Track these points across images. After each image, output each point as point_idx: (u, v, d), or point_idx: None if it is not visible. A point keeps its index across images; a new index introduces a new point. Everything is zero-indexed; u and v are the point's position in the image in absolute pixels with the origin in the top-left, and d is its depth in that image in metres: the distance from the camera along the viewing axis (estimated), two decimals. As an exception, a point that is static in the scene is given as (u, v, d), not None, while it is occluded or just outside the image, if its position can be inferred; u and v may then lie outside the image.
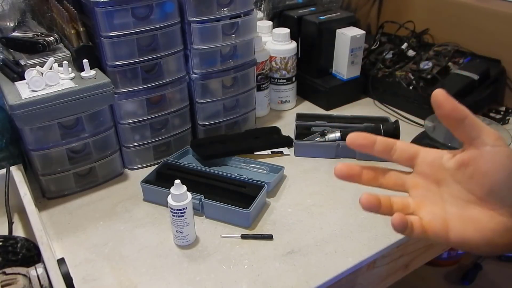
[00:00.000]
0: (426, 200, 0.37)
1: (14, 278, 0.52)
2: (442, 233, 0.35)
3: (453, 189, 0.35)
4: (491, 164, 0.33)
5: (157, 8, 0.76)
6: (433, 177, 0.37)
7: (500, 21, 1.02)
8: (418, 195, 0.37)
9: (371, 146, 0.37)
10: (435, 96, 0.33)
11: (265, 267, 0.64)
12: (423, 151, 0.38)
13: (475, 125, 0.33)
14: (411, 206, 0.37)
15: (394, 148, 0.38)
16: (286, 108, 1.08)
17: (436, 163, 0.36)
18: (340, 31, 1.03)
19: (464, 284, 1.43)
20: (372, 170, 0.38)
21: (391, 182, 0.39)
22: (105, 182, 0.83)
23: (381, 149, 0.37)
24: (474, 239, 0.34)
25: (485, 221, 0.34)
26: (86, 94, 0.73)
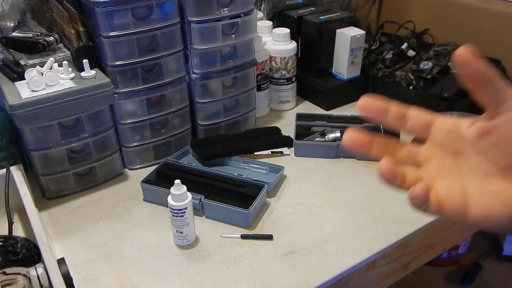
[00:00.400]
0: (442, 172, 0.33)
1: (14, 278, 0.52)
2: (460, 209, 0.31)
3: (473, 160, 0.32)
4: None
5: (157, 8, 0.76)
6: (450, 147, 0.33)
7: (500, 21, 1.02)
8: (433, 167, 0.33)
9: (385, 114, 0.33)
10: (460, 54, 0.29)
11: (265, 267, 0.64)
12: (439, 119, 0.34)
13: (502, 88, 0.29)
14: (425, 180, 0.32)
15: (408, 116, 0.33)
16: (286, 108, 1.08)
17: (453, 132, 0.33)
18: (340, 31, 1.03)
19: (464, 284, 1.43)
20: (383, 139, 0.34)
21: (403, 153, 0.34)
22: (105, 182, 0.83)
23: (394, 117, 0.33)
24: (497, 215, 0.30)
25: (509, 194, 0.30)
26: (86, 94, 0.73)
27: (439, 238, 0.81)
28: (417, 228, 0.71)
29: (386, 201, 0.77)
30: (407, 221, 0.72)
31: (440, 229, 0.78)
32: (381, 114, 0.33)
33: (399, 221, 0.72)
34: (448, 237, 0.84)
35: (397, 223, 0.72)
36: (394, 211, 0.74)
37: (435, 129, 0.33)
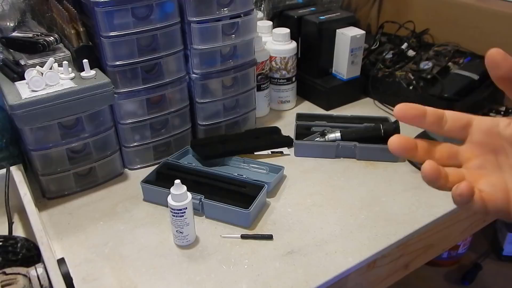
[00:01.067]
0: (484, 170, 0.33)
1: (14, 278, 0.52)
2: (504, 205, 0.32)
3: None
4: None
5: (157, 8, 0.76)
6: (490, 146, 0.33)
7: (500, 21, 1.02)
8: (475, 166, 0.34)
9: (422, 117, 0.33)
10: (492, 56, 0.30)
11: (265, 267, 0.64)
12: (477, 119, 0.34)
13: None
14: (468, 179, 0.33)
15: (445, 118, 0.34)
16: (286, 108, 1.08)
17: (492, 131, 0.33)
18: (340, 31, 1.03)
19: (464, 284, 1.43)
20: (425, 143, 0.35)
21: (444, 154, 0.35)
22: (105, 182, 0.83)
23: (432, 120, 0.34)
24: None
25: None
26: (86, 94, 0.73)
27: (439, 238, 0.81)
28: (417, 228, 0.71)
29: (386, 201, 0.77)
30: (407, 221, 0.72)
31: (440, 229, 0.78)
32: (419, 118, 0.33)
33: (399, 221, 0.72)
34: (448, 237, 0.84)
35: (397, 223, 0.72)
36: (394, 211, 0.74)
37: (474, 129, 0.34)
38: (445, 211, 0.74)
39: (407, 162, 0.86)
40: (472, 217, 0.86)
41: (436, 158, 0.34)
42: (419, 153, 0.34)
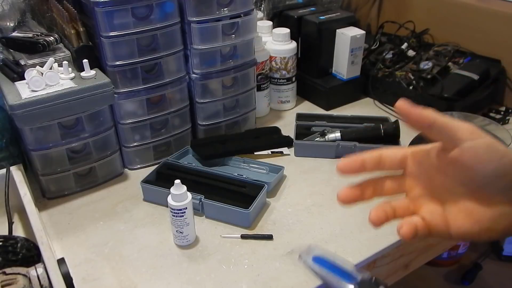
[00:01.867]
0: (423, 199, 0.38)
1: (14, 278, 0.52)
2: (443, 229, 0.36)
3: (447, 184, 0.36)
4: (475, 159, 0.33)
5: (157, 8, 0.76)
6: (426, 175, 0.37)
7: (500, 21, 1.02)
8: (415, 195, 0.38)
9: (362, 168, 0.38)
10: (399, 108, 0.35)
11: (265, 267, 0.64)
12: (411, 151, 0.38)
13: (446, 125, 0.34)
14: (411, 208, 0.38)
15: (382, 160, 0.38)
16: (286, 108, 1.08)
17: (425, 162, 0.37)
18: (340, 31, 1.03)
19: (464, 284, 1.43)
20: (370, 184, 0.39)
21: (389, 190, 0.39)
22: (105, 182, 0.83)
23: (371, 166, 0.38)
24: (474, 230, 0.35)
25: (481, 212, 0.34)
26: (86, 94, 0.73)
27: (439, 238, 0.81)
28: (417, 228, 0.71)
29: (386, 201, 0.77)
30: (407, 221, 0.72)
31: (440, 229, 0.78)
32: (360, 170, 0.38)
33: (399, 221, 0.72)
34: (448, 237, 0.84)
35: (397, 223, 0.71)
36: (394, 211, 0.74)
37: (409, 162, 0.38)
38: (445, 211, 0.74)
39: (407, 162, 0.86)
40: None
41: (383, 195, 0.39)
42: (366, 197, 0.39)
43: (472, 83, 0.98)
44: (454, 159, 0.34)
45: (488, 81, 1.01)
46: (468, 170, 0.34)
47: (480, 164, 0.33)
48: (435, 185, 0.37)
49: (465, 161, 0.33)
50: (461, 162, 0.34)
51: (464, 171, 0.34)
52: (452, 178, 0.35)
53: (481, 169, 0.33)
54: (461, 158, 0.34)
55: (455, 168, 0.35)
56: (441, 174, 0.36)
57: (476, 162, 0.33)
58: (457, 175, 0.35)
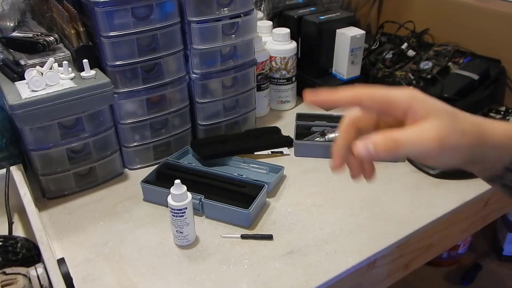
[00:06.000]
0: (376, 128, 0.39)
1: (14, 278, 0.52)
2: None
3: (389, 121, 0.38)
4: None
5: (157, 8, 0.76)
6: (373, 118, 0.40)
7: (500, 21, 1.02)
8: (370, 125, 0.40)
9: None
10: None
11: (265, 267, 0.64)
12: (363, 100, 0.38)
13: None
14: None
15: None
16: (286, 108, 1.08)
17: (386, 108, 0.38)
18: (340, 31, 1.03)
19: (464, 284, 1.43)
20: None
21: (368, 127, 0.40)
22: (105, 182, 0.83)
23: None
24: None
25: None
26: (86, 94, 0.73)
27: (439, 238, 0.81)
28: (417, 228, 0.71)
29: (386, 201, 0.77)
30: (407, 221, 0.72)
31: (440, 229, 0.78)
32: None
33: (399, 221, 0.72)
34: (448, 237, 0.84)
35: (397, 223, 0.72)
36: (394, 211, 0.74)
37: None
38: (445, 211, 0.74)
39: (407, 162, 0.86)
40: (472, 217, 0.86)
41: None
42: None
43: (472, 83, 0.98)
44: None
45: (488, 81, 1.01)
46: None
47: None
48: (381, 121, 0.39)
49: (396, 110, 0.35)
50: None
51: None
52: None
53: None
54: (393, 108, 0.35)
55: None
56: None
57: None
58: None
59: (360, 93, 0.36)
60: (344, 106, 0.37)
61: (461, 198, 0.77)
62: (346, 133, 0.39)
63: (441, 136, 0.33)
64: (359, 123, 0.39)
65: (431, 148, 0.33)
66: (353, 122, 0.39)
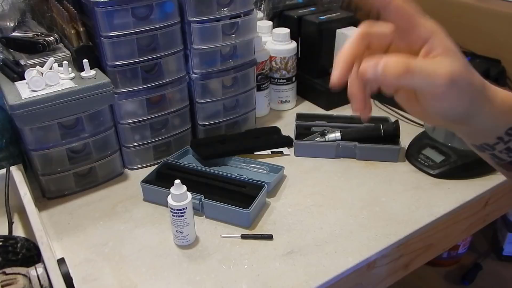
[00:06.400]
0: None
1: (14, 278, 0.52)
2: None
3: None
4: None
5: (157, 8, 0.76)
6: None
7: (500, 21, 1.01)
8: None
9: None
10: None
11: (265, 267, 0.64)
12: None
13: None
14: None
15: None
16: (286, 108, 1.08)
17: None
18: (340, 31, 1.03)
19: (464, 284, 1.43)
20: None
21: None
22: (105, 182, 0.83)
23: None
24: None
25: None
26: (86, 94, 0.73)
27: (439, 238, 0.81)
28: (417, 228, 0.71)
29: (386, 201, 0.77)
30: (407, 221, 0.72)
31: (440, 229, 0.78)
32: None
33: (399, 221, 0.72)
34: (448, 237, 0.84)
35: (397, 223, 0.72)
36: (394, 211, 0.74)
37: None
38: (445, 211, 0.74)
39: (407, 162, 0.86)
40: (472, 217, 0.86)
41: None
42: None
43: (472, 83, 0.98)
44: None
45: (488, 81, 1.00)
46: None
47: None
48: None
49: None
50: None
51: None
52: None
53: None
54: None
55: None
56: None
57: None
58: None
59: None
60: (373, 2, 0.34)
61: (461, 198, 0.77)
62: (355, 43, 0.36)
63: (453, 75, 0.32)
64: (372, 38, 0.37)
65: (440, 84, 0.32)
66: (365, 35, 0.37)
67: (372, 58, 0.32)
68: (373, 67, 0.31)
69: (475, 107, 0.35)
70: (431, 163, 0.83)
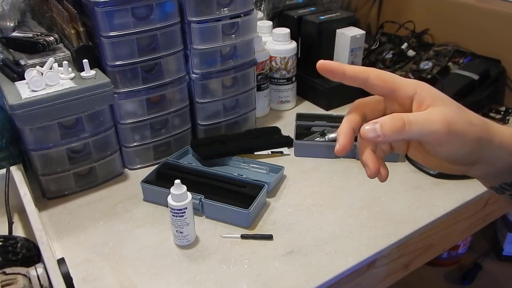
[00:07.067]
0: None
1: (14, 278, 0.52)
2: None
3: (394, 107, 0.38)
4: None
5: (157, 8, 0.76)
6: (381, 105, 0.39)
7: (500, 21, 1.02)
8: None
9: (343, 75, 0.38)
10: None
11: (265, 267, 0.64)
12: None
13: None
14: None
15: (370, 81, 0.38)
16: (286, 108, 1.08)
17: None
18: (340, 31, 1.03)
19: (464, 284, 1.43)
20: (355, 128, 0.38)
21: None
22: (105, 182, 0.83)
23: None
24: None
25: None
26: (86, 94, 0.73)
27: (439, 238, 0.81)
28: (417, 228, 0.71)
29: (386, 201, 0.77)
30: (407, 221, 0.72)
31: (440, 229, 0.78)
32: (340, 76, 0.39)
33: (399, 221, 0.72)
34: (448, 237, 0.84)
35: (397, 223, 0.72)
36: (394, 211, 0.74)
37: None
38: (445, 211, 0.74)
39: (407, 162, 0.86)
40: (472, 217, 0.86)
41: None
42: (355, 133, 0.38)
43: (472, 83, 0.98)
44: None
45: (488, 81, 1.00)
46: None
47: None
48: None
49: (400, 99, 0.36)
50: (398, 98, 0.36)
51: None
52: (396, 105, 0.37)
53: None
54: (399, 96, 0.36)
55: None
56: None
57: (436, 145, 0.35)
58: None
59: (368, 70, 0.36)
60: (351, 80, 0.37)
61: (461, 198, 0.77)
62: (352, 115, 0.38)
63: (448, 120, 0.33)
64: (366, 109, 0.39)
65: (438, 130, 0.33)
66: (360, 106, 0.39)
67: (369, 122, 0.34)
68: (371, 128, 0.33)
69: (483, 144, 0.35)
70: (431, 163, 0.83)
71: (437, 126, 0.33)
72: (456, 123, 0.33)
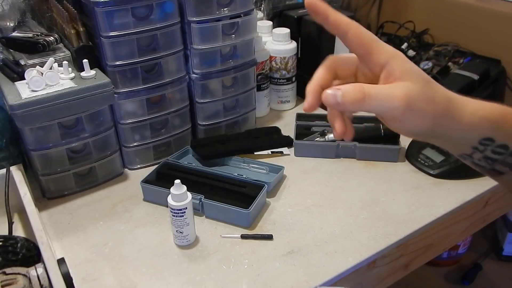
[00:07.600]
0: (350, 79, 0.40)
1: (14, 278, 0.52)
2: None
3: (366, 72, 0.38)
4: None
5: (157, 8, 0.76)
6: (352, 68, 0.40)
7: (500, 21, 1.01)
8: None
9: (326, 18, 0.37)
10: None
11: (265, 267, 0.64)
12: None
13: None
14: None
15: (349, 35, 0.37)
16: (286, 108, 1.08)
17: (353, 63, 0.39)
18: (340, 31, 1.02)
19: (464, 284, 1.43)
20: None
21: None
22: (105, 182, 0.83)
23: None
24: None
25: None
26: (86, 94, 0.73)
27: (439, 238, 0.81)
28: (417, 228, 0.71)
29: (386, 201, 0.77)
30: (407, 221, 0.72)
31: (440, 229, 0.78)
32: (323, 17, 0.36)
33: (399, 221, 0.72)
34: (448, 237, 0.84)
35: (397, 223, 0.72)
36: (394, 211, 0.74)
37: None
38: (445, 211, 0.74)
39: (407, 162, 0.86)
40: (472, 217, 0.86)
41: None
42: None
43: (472, 83, 0.98)
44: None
45: (488, 81, 1.00)
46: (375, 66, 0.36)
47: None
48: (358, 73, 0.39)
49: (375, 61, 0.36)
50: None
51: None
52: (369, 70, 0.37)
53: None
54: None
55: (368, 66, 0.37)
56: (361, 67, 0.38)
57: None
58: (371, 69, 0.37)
59: (351, 25, 0.35)
60: (331, 27, 0.36)
61: (461, 198, 0.77)
62: (322, 73, 0.39)
63: (408, 97, 0.33)
64: (338, 67, 0.39)
65: (396, 107, 0.33)
66: (331, 66, 0.39)
67: (333, 87, 0.34)
68: (332, 95, 0.33)
69: (440, 123, 0.35)
70: (431, 163, 0.83)
71: (396, 104, 0.33)
72: (416, 100, 0.33)
